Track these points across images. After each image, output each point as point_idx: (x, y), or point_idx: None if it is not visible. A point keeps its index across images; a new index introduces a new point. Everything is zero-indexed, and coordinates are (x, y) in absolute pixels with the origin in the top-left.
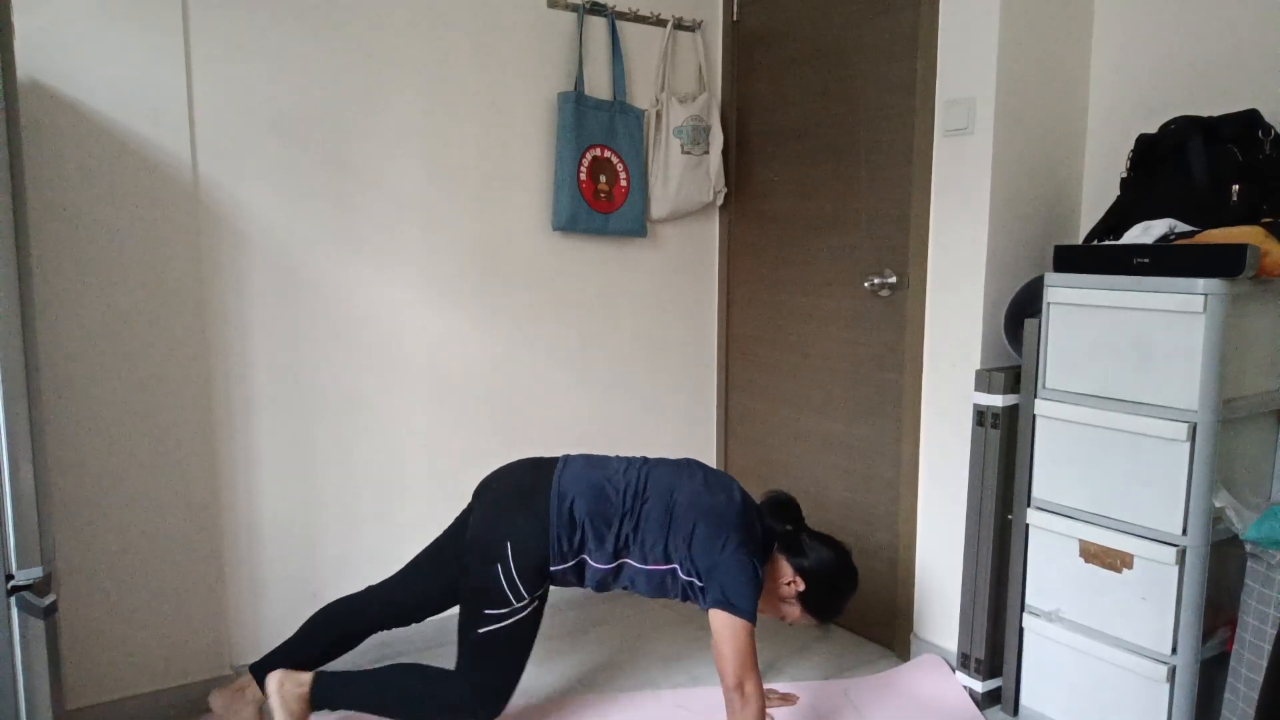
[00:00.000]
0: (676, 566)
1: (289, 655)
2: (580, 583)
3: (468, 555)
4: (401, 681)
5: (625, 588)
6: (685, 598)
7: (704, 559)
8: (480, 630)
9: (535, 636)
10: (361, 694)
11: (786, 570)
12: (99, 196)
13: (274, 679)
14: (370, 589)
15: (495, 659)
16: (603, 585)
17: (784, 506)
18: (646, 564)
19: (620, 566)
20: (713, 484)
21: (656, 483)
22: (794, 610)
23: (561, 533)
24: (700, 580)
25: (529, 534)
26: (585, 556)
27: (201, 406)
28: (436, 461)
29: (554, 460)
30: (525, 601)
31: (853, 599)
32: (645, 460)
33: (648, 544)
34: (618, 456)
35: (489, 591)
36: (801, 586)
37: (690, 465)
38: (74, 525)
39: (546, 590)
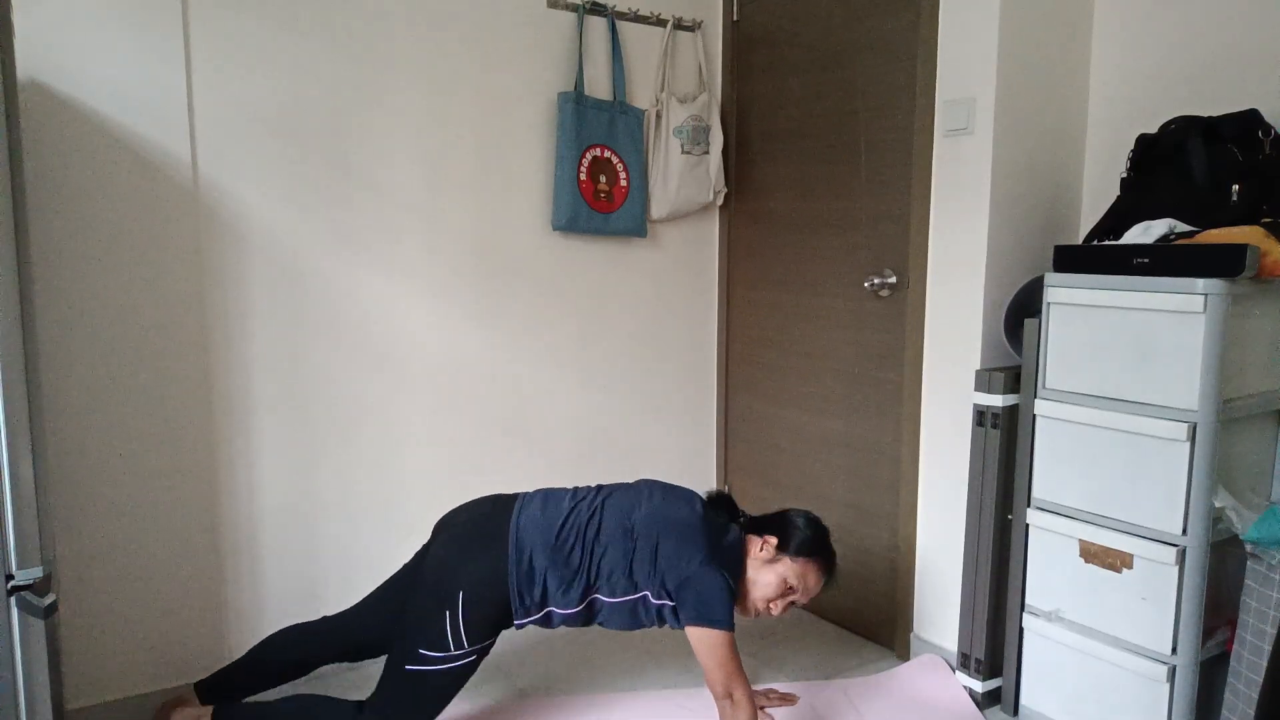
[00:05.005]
0: (646, 593)
1: (236, 677)
2: (546, 626)
3: (419, 592)
4: (304, 717)
5: (601, 624)
6: (662, 623)
7: (673, 576)
8: (409, 668)
9: (459, 690)
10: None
11: (755, 542)
12: (99, 196)
13: (178, 716)
14: (326, 619)
15: (413, 701)
16: (570, 624)
17: (726, 501)
18: (615, 596)
19: (590, 604)
20: (671, 499)
21: (614, 508)
22: (775, 578)
23: (522, 585)
24: (672, 600)
25: (485, 584)
26: (551, 608)
27: (201, 406)
28: (436, 461)
29: (512, 499)
30: (464, 652)
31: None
32: (601, 488)
33: (615, 575)
34: (574, 489)
35: (430, 632)
36: (775, 540)
37: (648, 485)
38: (74, 525)
39: (489, 646)
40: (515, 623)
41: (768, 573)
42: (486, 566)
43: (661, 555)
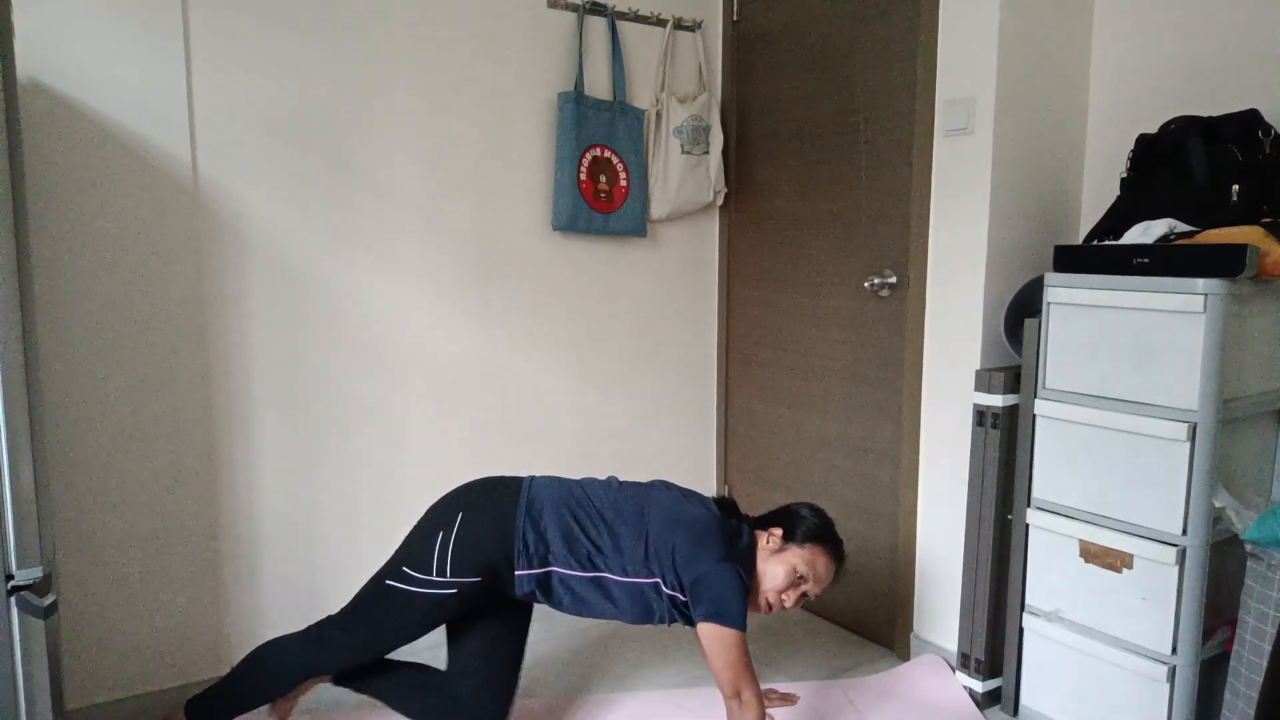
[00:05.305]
0: (659, 580)
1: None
2: (549, 597)
3: (418, 523)
4: (260, 655)
5: (609, 611)
6: (672, 619)
7: (688, 572)
8: (387, 581)
9: (422, 632)
10: (231, 696)
11: (760, 536)
12: (99, 197)
13: None
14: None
15: (375, 617)
16: (579, 602)
17: (732, 507)
18: (627, 576)
19: (597, 581)
20: (686, 498)
21: (629, 496)
22: (784, 568)
23: (527, 529)
24: (684, 595)
25: (489, 517)
26: (553, 567)
27: (201, 406)
28: (436, 462)
29: (520, 477)
30: (444, 581)
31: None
32: (615, 478)
33: (626, 552)
34: (590, 478)
35: (418, 551)
36: (780, 531)
37: (662, 483)
38: (74, 525)
39: (472, 591)
40: (515, 573)
41: (776, 563)
42: (494, 503)
43: (679, 550)
